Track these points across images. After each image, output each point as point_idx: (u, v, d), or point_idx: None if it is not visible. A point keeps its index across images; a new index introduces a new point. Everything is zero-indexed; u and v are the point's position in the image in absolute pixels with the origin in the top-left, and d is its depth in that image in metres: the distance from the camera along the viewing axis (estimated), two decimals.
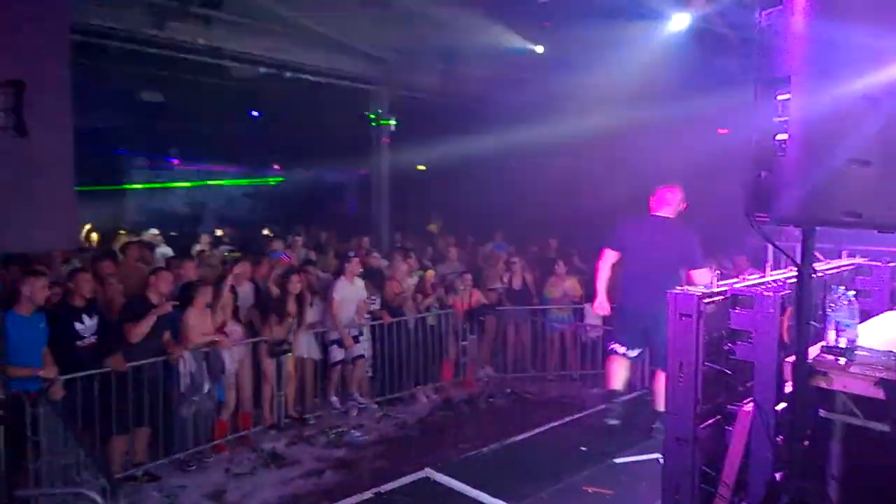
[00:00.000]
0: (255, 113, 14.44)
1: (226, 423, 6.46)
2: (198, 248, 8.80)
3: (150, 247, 9.21)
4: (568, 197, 11.73)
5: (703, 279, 4.80)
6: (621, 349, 5.47)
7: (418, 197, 15.41)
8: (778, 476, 2.51)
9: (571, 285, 9.13)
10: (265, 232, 13.54)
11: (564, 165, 12.26)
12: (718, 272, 3.45)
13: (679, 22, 9.18)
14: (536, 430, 5.84)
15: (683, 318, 3.09)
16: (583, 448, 5.37)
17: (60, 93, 2.25)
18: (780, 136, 2.35)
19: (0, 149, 1.99)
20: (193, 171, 18.38)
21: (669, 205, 5.35)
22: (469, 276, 8.82)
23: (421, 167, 17.18)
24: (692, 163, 8.69)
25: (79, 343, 5.47)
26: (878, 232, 2.44)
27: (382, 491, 5.08)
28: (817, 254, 4.05)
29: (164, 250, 9.38)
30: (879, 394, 2.36)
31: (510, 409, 7.99)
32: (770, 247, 3.54)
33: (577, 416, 6.25)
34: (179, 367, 5.94)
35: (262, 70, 10.24)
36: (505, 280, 9.29)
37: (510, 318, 9.08)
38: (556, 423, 6.01)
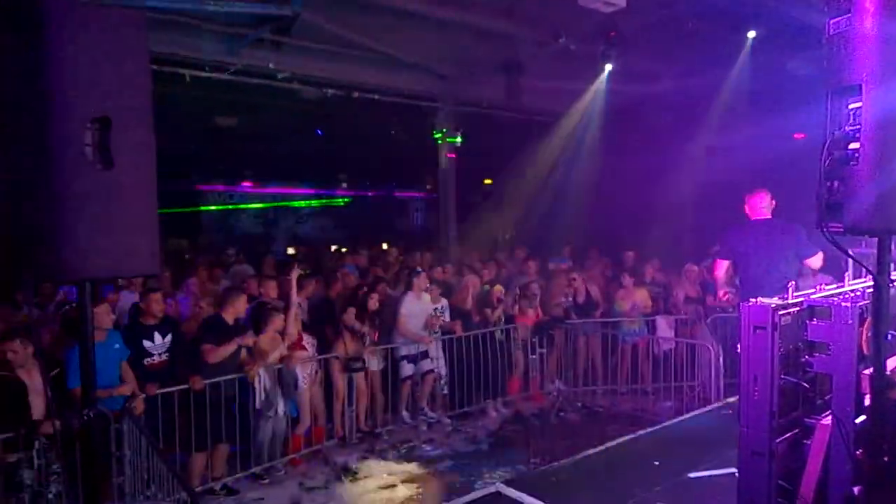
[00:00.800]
0: (319, 132, 14.86)
1: (300, 437, 6.65)
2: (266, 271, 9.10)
3: (224, 266, 9.63)
4: (638, 207, 11.51)
5: (818, 263, 5.35)
6: None
7: (486, 211, 15.47)
8: (857, 491, 2.40)
9: (642, 297, 8.96)
10: (333, 248, 13.92)
11: (635, 175, 12.04)
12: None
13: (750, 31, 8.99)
14: (608, 445, 5.73)
15: (758, 331, 3.00)
16: (656, 462, 5.23)
17: (144, 124, 2.37)
18: (852, 146, 2.28)
19: (88, 181, 2.14)
20: (266, 192, 19.08)
21: (763, 207, 5.57)
22: (535, 287, 8.77)
23: (488, 181, 17.27)
24: (767, 168, 8.39)
25: (146, 361, 5.70)
26: None
27: None
28: None
29: (244, 268, 9.79)
30: None
31: (581, 423, 7.90)
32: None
33: (649, 430, 6.09)
34: (255, 384, 6.15)
35: (331, 92, 10.58)
36: (569, 295, 9.19)
37: (579, 330, 8.97)
38: (628, 438, 5.88)
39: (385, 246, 13.44)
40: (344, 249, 13.31)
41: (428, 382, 7.78)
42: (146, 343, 5.72)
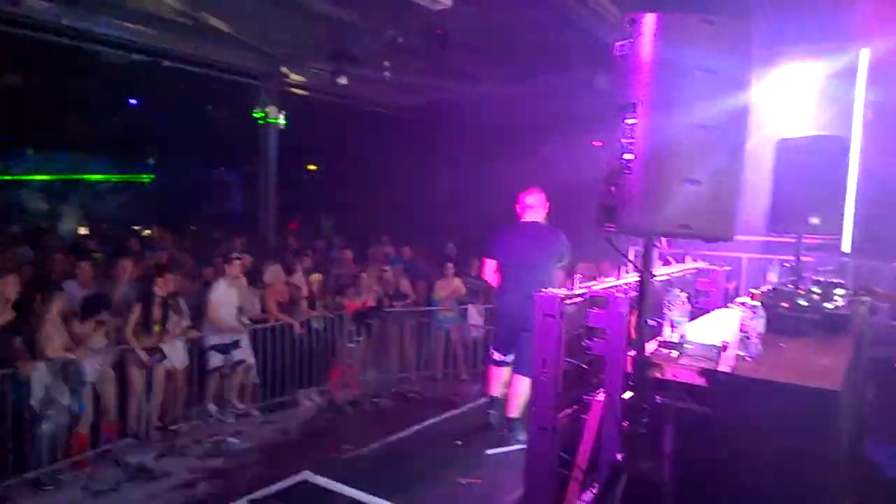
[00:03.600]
0: (132, 101, 13.56)
1: (85, 436, 6.03)
2: None
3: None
4: (454, 202, 12.03)
5: (559, 277, 5.28)
6: (498, 356, 5.60)
7: (308, 197, 15.25)
8: (620, 457, 2.76)
9: (457, 285, 9.36)
10: (137, 229, 12.86)
11: (454, 171, 12.57)
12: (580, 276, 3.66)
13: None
14: (415, 428, 5.96)
15: (547, 318, 3.30)
16: (458, 442, 5.54)
17: None
18: (626, 156, 2.59)
19: None
20: (55, 162, 16.97)
21: (535, 209, 5.52)
22: (364, 277, 8.82)
23: (312, 167, 16.97)
24: (571, 173, 9.16)
25: None
26: (705, 241, 2.74)
27: (257, 497, 4.98)
28: (669, 258, 4.48)
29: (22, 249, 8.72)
30: (702, 381, 2.73)
31: (394, 409, 8.05)
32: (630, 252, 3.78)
33: (454, 412, 6.43)
34: (32, 381, 5.49)
35: (135, 57, 9.69)
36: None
37: (395, 319, 9.16)
38: (434, 420, 6.16)
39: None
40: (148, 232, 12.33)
41: (238, 374, 7.48)
42: None
